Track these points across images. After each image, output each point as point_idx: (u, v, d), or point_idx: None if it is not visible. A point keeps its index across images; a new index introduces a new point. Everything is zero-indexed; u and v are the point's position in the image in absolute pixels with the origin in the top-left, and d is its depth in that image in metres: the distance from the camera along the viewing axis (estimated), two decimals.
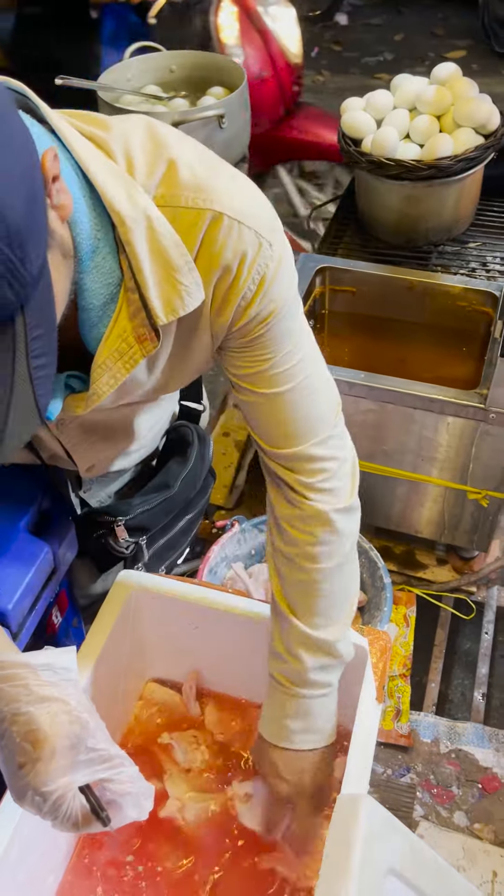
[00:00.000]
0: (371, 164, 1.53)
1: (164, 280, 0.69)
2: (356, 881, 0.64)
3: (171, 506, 1.13)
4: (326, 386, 0.87)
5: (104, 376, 0.73)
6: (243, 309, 0.75)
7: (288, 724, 0.89)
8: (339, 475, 0.88)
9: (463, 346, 1.55)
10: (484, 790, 1.23)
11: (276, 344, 0.79)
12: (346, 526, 0.89)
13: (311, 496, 0.86)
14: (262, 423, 0.85)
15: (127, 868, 0.93)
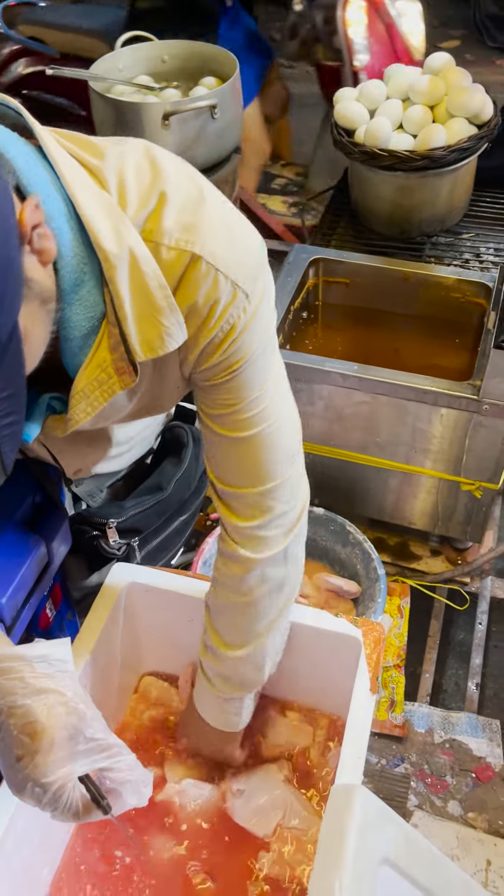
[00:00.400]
0: (364, 154, 1.53)
1: (146, 319, 0.68)
2: (350, 871, 0.64)
3: (164, 507, 1.13)
4: (289, 431, 0.85)
5: (82, 403, 0.73)
6: (210, 353, 0.74)
7: (233, 714, 0.94)
8: (275, 524, 0.87)
9: (456, 337, 1.55)
10: (478, 779, 1.24)
11: (242, 390, 0.78)
12: (273, 573, 0.88)
13: (238, 541, 0.86)
14: (217, 459, 0.84)
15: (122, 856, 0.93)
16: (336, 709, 1.05)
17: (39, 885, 0.90)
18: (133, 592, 1.02)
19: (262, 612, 0.89)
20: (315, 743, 1.02)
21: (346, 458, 1.50)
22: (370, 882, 0.66)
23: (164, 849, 0.93)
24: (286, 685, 1.06)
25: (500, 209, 1.75)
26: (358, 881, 0.64)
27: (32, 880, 0.89)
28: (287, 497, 0.86)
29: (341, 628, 0.96)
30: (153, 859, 0.93)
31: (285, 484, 0.85)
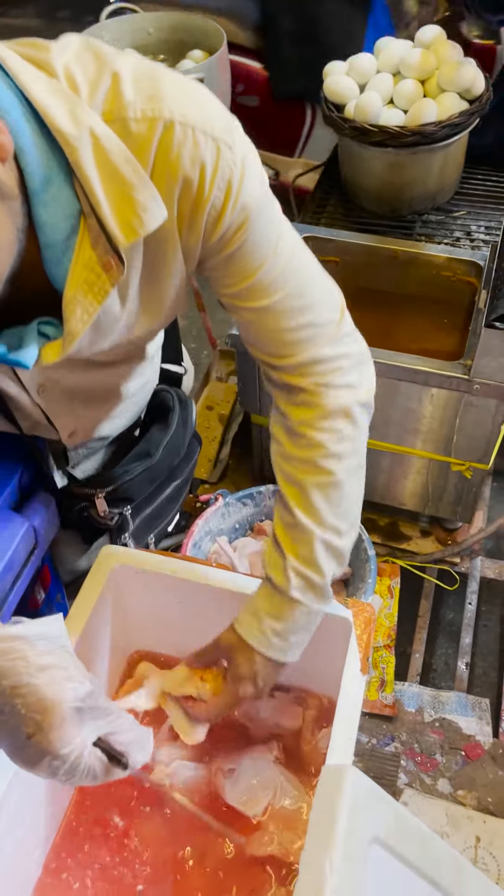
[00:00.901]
0: (354, 130, 1.50)
1: (120, 199, 0.66)
2: (341, 850, 0.64)
3: (154, 474, 1.10)
4: (323, 284, 0.83)
5: (77, 311, 0.71)
6: (214, 220, 0.72)
7: (295, 642, 0.86)
8: (354, 370, 0.85)
9: (447, 316, 1.54)
10: (467, 757, 1.25)
11: (257, 251, 0.76)
12: (364, 420, 0.87)
13: (331, 393, 0.83)
14: (263, 338, 0.82)
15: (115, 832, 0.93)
16: (326, 689, 1.05)
17: (31, 867, 0.90)
18: (122, 574, 1.01)
19: (363, 476, 0.89)
20: (305, 723, 1.02)
21: None
22: (361, 861, 0.66)
23: (156, 830, 0.94)
24: None
25: (491, 187, 1.73)
26: (349, 860, 0.64)
27: (25, 859, 0.89)
28: (350, 341, 0.85)
29: (331, 609, 0.95)
30: (146, 843, 0.93)
31: (346, 333, 0.84)
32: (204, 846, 0.92)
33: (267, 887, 0.88)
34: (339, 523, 0.86)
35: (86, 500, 1.05)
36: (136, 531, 1.12)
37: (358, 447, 0.87)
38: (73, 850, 0.93)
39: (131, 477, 1.07)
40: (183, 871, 0.90)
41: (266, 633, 0.85)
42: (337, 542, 0.86)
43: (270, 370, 0.86)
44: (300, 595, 0.85)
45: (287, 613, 0.85)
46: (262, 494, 1.45)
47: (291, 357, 0.82)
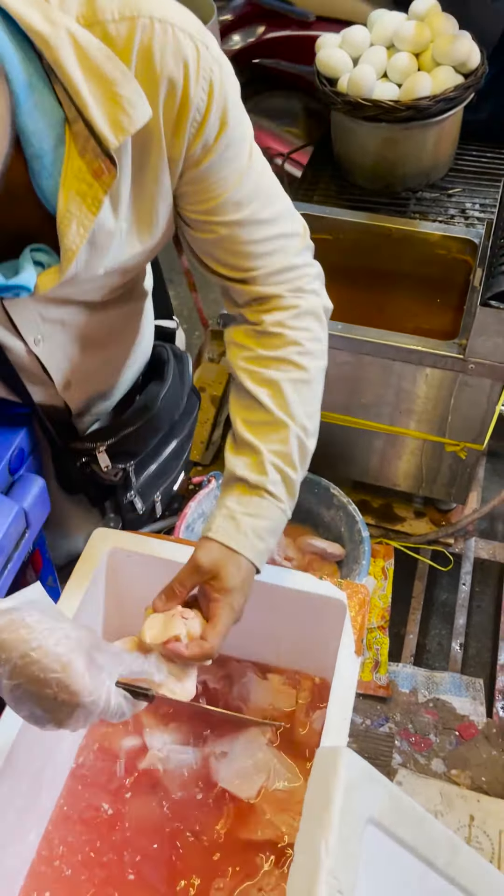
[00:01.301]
0: (347, 104, 1.48)
1: (105, 97, 0.66)
2: (336, 831, 0.64)
3: (154, 428, 1.10)
4: (286, 199, 0.87)
5: (72, 225, 0.71)
6: (199, 125, 0.73)
7: (270, 543, 0.86)
8: (316, 280, 0.91)
9: (442, 295, 1.53)
10: (461, 737, 1.25)
11: (235, 161, 0.78)
12: (325, 328, 0.92)
13: (303, 296, 0.88)
14: (235, 253, 0.84)
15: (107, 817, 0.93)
16: (320, 671, 1.04)
17: (24, 854, 0.90)
18: (114, 558, 1.00)
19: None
20: (299, 705, 1.02)
21: (330, 420, 1.48)
22: (356, 842, 0.66)
23: (149, 814, 0.93)
24: (269, 649, 1.05)
25: (486, 163, 1.71)
26: (344, 841, 0.64)
27: (17, 849, 0.88)
28: (311, 258, 0.91)
29: (325, 591, 0.95)
30: (139, 827, 0.93)
31: (308, 248, 0.91)
32: (198, 829, 0.92)
33: (262, 869, 0.88)
34: (307, 423, 0.88)
35: (87, 455, 1.04)
36: (141, 488, 1.11)
37: (325, 350, 0.91)
38: (66, 837, 0.92)
39: (131, 429, 1.06)
40: (177, 854, 0.90)
41: (248, 535, 0.84)
42: (305, 441, 0.87)
43: (240, 286, 0.88)
44: (277, 490, 0.85)
45: (265, 511, 0.85)
46: None
47: (264, 268, 0.85)
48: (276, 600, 0.97)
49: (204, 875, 0.88)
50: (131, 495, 1.10)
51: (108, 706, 0.71)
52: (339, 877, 0.62)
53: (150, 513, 1.17)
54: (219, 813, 0.93)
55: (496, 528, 1.87)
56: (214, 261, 0.87)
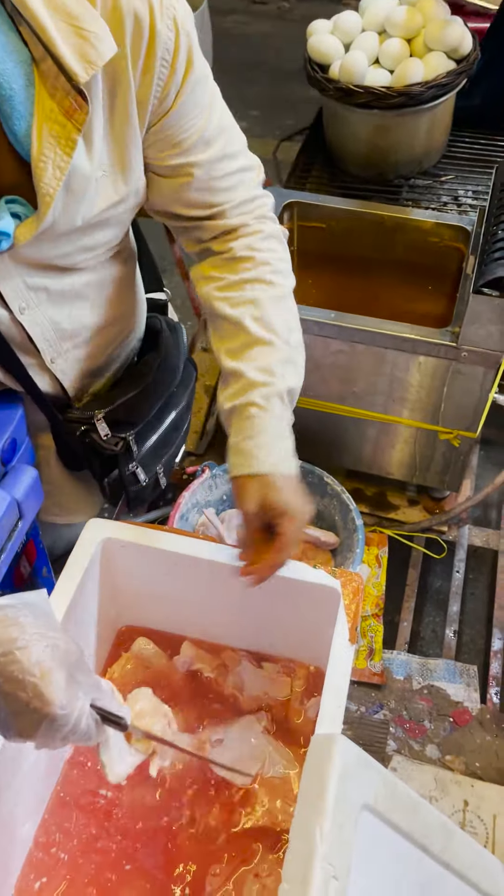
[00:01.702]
0: (339, 91, 1.47)
1: (71, 33, 0.67)
2: (330, 818, 0.64)
3: (152, 396, 1.10)
4: (241, 132, 0.92)
5: (48, 168, 0.71)
6: (170, 64, 0.75)
7: (281, 447, 0.88)
8: (271, 210, 0.97)
9: (435, 282, 1.52)
10: (455, 723, 1.26)
11: (203, 98, 0.82)
12: (287, 251, 0.97)
13: (267, 222, 0.93)
14: (205, 191, 0.88)
15: (103, 804, 0.94)
16: (314, 660, 1.05)
17: (21, 841, 0.90)
18: (108, 548, 1.00)
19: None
20: (293, 693, 1.02)
21: (323, 409, 1.48)
22: (350, 828, 0.66)
23: (145, 801, 0.94)
24: (263, 637, 1.05)
25: (479, 150, 1.71)
26: (338, 827, 0.65)
27: (14, 836, 0.89)
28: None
29: (319, 579, 0.95)
30: (136, 813, 0.93)
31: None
32: (193, 816, 0.92)
33: (257, 856, 0.89)
34: (290, 336, 0.92)
35: (85, 424, 1.04)
36: (143, 459, 1.11)
37: (290, 270, 0.96)
38: (62, 823, 0.93)
39: (127, 397, 1.06)
40: (173, 841, 0.91)
41: (257, 456, 0.87)
42: (291, 353, 0.91)
43: (207, 222, 0.91)
44: (264, 401, 0.88)
45: (260, 425, 0.88)
46: None
47: (231, 201, 0.90)
48: (271, 589, 0.97)
49: (200, 861, 0.89)
50: (133, 466, 1.10)
51: (79, 725, 0.70)
52: (333, 862, 0.62)
53: (154, 485, 1.16)
54: (214, 800, 0.93)
55: (490, 516, 1.88)
56: (184, 205, 0.89)
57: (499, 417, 1.74)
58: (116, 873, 0.89)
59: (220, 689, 1.03)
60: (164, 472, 1.17)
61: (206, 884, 0.87)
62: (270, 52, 4.24)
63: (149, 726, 0.85)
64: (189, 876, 0.88)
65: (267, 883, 0.86)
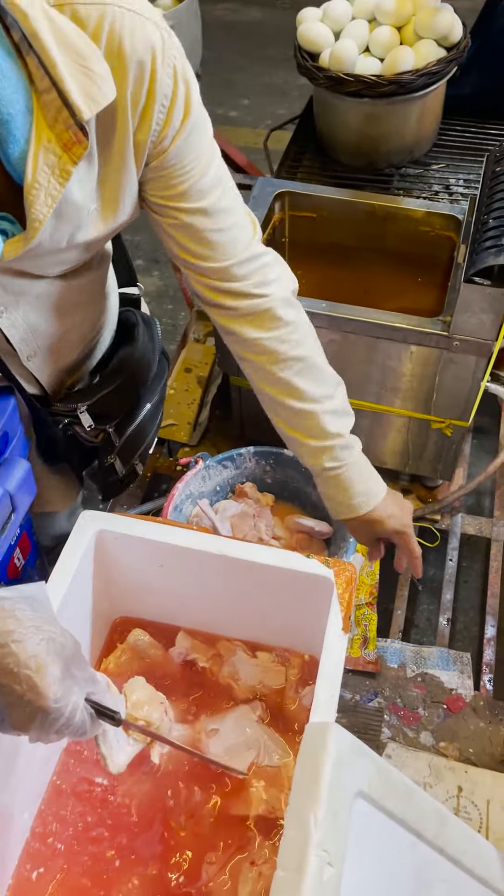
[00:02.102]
0: (329, 80, 1.46)
1: (78, 71, 0.69)
2: (324, 805, 0.65)
3: (129, 388, 1.12)
4: (236, 188, 0.92)
5: (40, 196, 0.73)
6: (168, 109, 0.77)
7: (367, 478, 1.08)
8: (276, 266, 0.97)
9: (426, 272, 1.52)
10: (449, 710, 1.27)
11: (199, 147, 0.83)
12: (297, 304, 1.01)
13: (267, 290, 0.94)
14: (204, 240, 0.88)
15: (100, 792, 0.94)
16: (309, 648, 1.05)
17: (18, 831, 0.91)
18: (102, 539, 1.00)
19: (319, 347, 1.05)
20: (288, 682, 1.03)
21: None
22: (345, 815, 0.67)
23: (142, 790, 0.94)
24: (258, 627, 1.06)
25: (469, 138, 1.70)
26: (333, 815, 0.65)
27: (11, 826, 0.89)
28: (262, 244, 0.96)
29: (313, 569, 0.95)
30: (132, 802, 0.94)
31: (259, 232, 0.95)
32: (190, 804, 0.93)
33: (253, 843, 0.89)
34: (322, 390, 1.02)
35: (69, 417, 1.06)
36: (121, 451, 1.14)
37: (304, 324, 1.01)
38: (59, 811, 0.93)
39: (109, 389, 1.08)
40: (169, 829, 0.91)
41: (343, 498, 1.07)
42: (326, 412, 1.02)
43: (203, 277, 0.92)
44: (330, 463, 1.04)
45: (335, 480, 1.06)
46: (242, 457, 1.44)
47: (224, 260, 0.90)
48: (265, 579, 0.97)
49: (196, 849, 0.90)
50: (112, 458, 1.12)
51: (73, 719, 0.71)
52: (328, 849, 0.63)
53: (130, 474, 1.20)
54: (210, 789, 0.94)
55: (483, 504, 1.89)
56: (180, 248, 0.90)
57: (491, 406, 1.75)
58: (113, 862, 0.89)
59: (215, 679, 1.04)
60: (139, 462, 1.21)
61: (203, 871, 0.88)
62: (261, 40, 4.22)
63: (147, 715, 0.85)
64: (185, 864, 0.89)
65: (263, 870, 0.86)
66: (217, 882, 0.87)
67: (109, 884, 0.88)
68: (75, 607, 0.98)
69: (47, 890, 0.88)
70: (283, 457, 1.41)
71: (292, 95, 3.78)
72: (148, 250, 2.93)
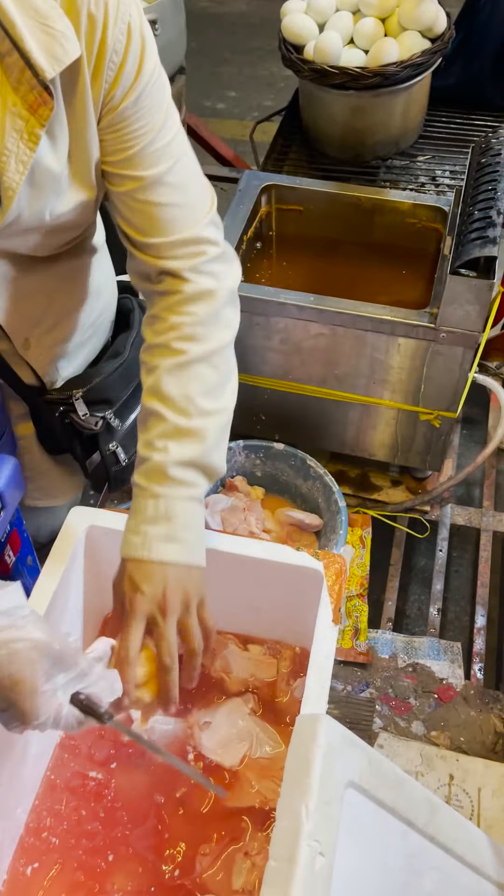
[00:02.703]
0: (314, 72, 1.46)
1: (39, 30, 0.69)
2: (316, 795, 0.65)
3: (127, 374, 1.10)
4: (198, 175, 0.89)
5: (10, 162, 0.72)
6: (118, 66, 0.76)
7: (147, 531, 0.82)
8: (218, 262, 0.90)
9: (413, 264, 1.53)
10: (440, 700, 1.28)
11: (149, 115, 0.80)
12: (228, 314, 0.91)
13: (193, 277, 0.88)
14: (143, 212, 0.85)
15: (94, 785, 0.94)
16: (300, 641, 1.06)
17: (13, 826, 0.91)
18: (93, 535, 1.00)
19: (224, 366, 0.91)
20: (280, 675, 1.04)
21: (305, 392, 1.49)
22: (336, 805, 0.67)
23: (135, 782, 0.95)
24: (249, 620, 1.06)
25: (455, 129, 1.70)
26: (324, 805, 0.66)
27: (5, 822, 0.89)
28: (219, 233, 0.91)
29: (302, 562, 0.96)
30: (126, 796, 0.94)
31: (215, 223, 0.90)
32: (183, 796, 0.93)
33: (246, 834, 0.90)
34: (186, 405, 0.85)
35: (64, 405, 1.04)
36: (122, 439, 1.12)
37: (217, 333, 0.89)
38: (53, 806, 0.94)
39: (104, 375, 1.07)
40: (163, 822, 0.92)
41: (124, 535, 0.84)
42: (182, 422, 0.85)
43: (143, 254, 0.88)
44: (141, 479, 0.85)
45: (135, 505, 0.85)
46: (232, 450, 1.44)
47: (162, 236, 0.86)
48: (255, 572, 0.98)
49: (190, 841, 0.90)
50: (113, 446, 1.11)
51: (59, 723, 0.70)
52: (319, 839, 0.64)
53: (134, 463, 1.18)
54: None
55: (472, 494, 1.90)
56: (123, 219, 0.88)
57: (479, 396, 1.76)
58: (107, 855, 0.90)
59: (207, 673, 1.04)
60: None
61: (196, 863, 0.88)
62: (246, 31, 4.20)
63: (142, 695, 0.83)
64: (179, 856, 0.89)
65: (256, 861, 0.87)
66: (210, 873, 0.87)
67: (104, 877, 0.88)
68: (66, 603, 0.98)
69: (42, 884, 0.88)
70: (273, 450, 1.42)
71: (279, 87, 3.76)
72: None
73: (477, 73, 1.71)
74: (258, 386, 1.47)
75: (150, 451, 0.85)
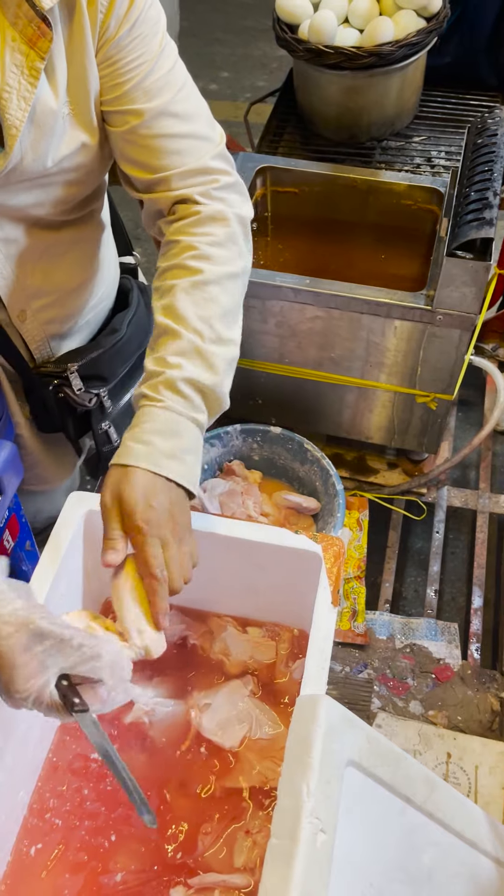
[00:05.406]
0: (309, 52, 1.45)
1: None
2: (316, 775, 0.66)
3: (123, 352, 1.10)
4: (204, 108, 0.88)
5: (13, 99, 0.71)
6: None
7: (154, 441, 0.78)
8: (230, 190, 0.89)
9: (409, 246, 1.52)
10: (437, 680, 1.29)
11: (146, 44, 0.80)
12: (242, 238, 0.89)
13: (207, 201, 0.87)
14: (149, 147, 0.84)
15: (96, 766, 0.95)
16: (299, 623, 1.07)
17: (16, 808, 0.92)
18: (91, 520, 1.01)
19: (239, 293, 0.90)
20: (279, 656, 1.04)
21: (301, 375, 1.49)
22: (336, 783, 0.68)
23: (137, 763, 0.96)
24: (248, 603, 1.07)
25: (451, 109, 1.69)
26: (324, 783, 0.67)
27: (9, 804, 0.90)
28: (230, 164, 0.91)
29: (301, 545, 0.96)
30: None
31: (224, 155, 0.89)
32: (185, 777, 0.94)
33: (247, 813, 0.91)
34: (201, 326, 0.83)
35: (59, 378, 1.03)
36: (116, 419, 1.11)
37: (231, 256, 0.87)
38: (56, 787, 0.95)
39: (100, 352, 1.06)
40: (165, 802, 0.93)
41: (129, 447, 0.80)
42: (201, 345, 0.82)
43: (151, 195, 0.87)
44: (155, 392, 0.82)
45: (144, 418, 0.81)
46: (229, 435, 1.44)
47: (172, 168, 0.85)
48: (254, 555, 0.98)
49: (191, 821, 0.91)
50: (106, 425, 1.10)
51: (43, 701, 0.69)
52: (320, 817, 0.64)
53: None
54: (204, 763, 0.95)
55: (468, 476, 1.90)
56: (129, 163, 0.86)
57: (475, 379, 1.76)
58: (110, 836, 0.91)
59: (206, 655, 1.05)
60: None
61: (199, 842, 0.89)
62: (239, 10, 4.15)
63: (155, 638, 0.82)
64: (181, 836, 0.90)
65: (258, 839, 0.88)
66: (212, 852, 0.89)
67: (107, 857, 0.89)
68: (65, 588, 0.98)
69: (46, 865, 0.89)
70: (270, 434, 1.42)
71: (272, 67, 3.72)
72: (130, 227, 2.90)
73: (472, 53, 1.69)
74: (254, 369, 1.47)
75: (161, 367, 0.81)
